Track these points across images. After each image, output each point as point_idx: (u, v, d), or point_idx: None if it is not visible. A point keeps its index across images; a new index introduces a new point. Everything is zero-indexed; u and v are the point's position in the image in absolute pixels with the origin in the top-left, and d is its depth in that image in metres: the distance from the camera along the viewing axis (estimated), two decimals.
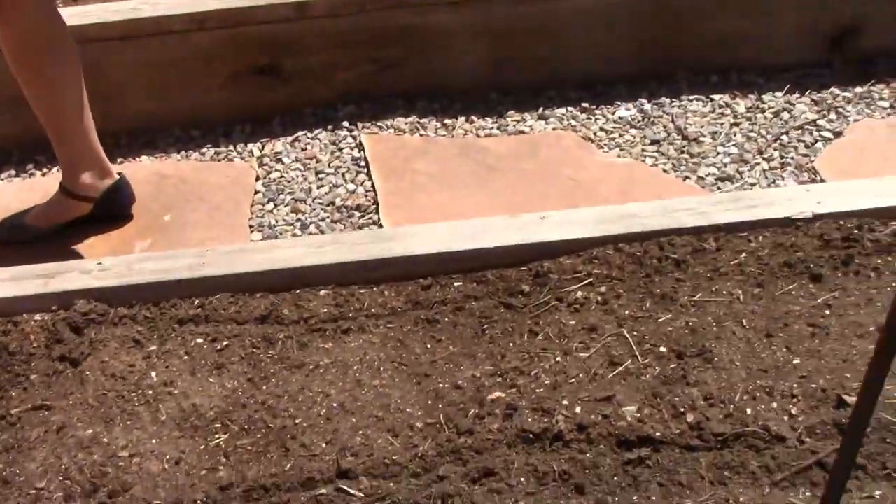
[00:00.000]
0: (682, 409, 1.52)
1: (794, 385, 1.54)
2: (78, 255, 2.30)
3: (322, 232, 2.37)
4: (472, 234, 1.93)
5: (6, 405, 1.62)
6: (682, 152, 2.61)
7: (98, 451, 1.53)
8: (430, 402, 1.60)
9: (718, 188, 2.47)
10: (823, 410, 1.50)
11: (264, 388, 1.65)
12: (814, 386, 1.54)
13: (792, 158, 2.58)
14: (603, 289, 1.80)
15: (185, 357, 1.71)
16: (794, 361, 1.59)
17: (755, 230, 1.90)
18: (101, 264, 1.90)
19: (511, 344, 1.71)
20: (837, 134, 2.65)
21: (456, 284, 1.86)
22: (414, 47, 2.76)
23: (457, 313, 1.79)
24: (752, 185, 2.48)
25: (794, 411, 1.50)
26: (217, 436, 1.56)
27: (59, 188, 2.32)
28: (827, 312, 1.70)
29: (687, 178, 2.50)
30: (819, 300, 1.73)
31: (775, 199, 1.97)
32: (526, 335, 1.72)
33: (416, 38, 2.74)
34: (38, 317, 1.79)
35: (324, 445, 1.53)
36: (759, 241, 1.87)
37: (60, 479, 1.48)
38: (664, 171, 2.55)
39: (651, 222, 1.93)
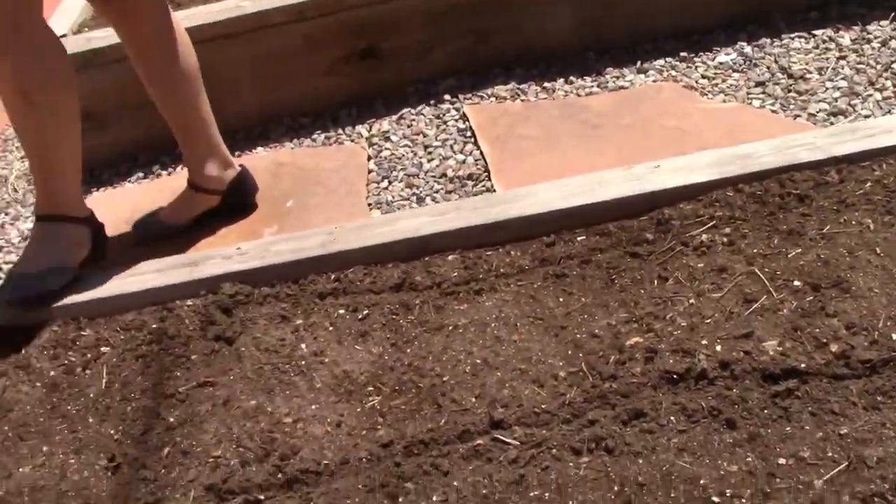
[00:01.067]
0: (825, 340, 1.53)
1: None
2: (211, 246, 2.42)
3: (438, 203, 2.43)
4: (587, 189, 1.97)
5: (174, 384, 1.74)
6: (789, 91, 2.58)
7: (264, 419, 1.63)
8: (569, 352, 1.65)
9: (831, 123, 2.44)
10: None
11: (408, 350, 1.73)
12: None
13: None
14: (727, 230, 1.81)
15: (331, 328, 1.80)
16: None
17: (877, 159, 1.88)
18: (239, 249, 2.01)
19: (642, 291, 1.74)
20: None
21: (579, 239, 1.90)
22: (507, 16, 2.79)
23: (584, 266, 1.83)
24: (866, 116, 2.44)
25: None
26: (371, 398, 1.65)
27: (188, 184, 2.45)
28: None
29: (797, 116, 2.47)
30: None
31: (894, 125, 1.94)
32: (656, 281, 1.75)
33: (508, 7, 2.78)
34: (189, 302, 1.91)
35: (473, 400, 1.60)
36: (883, 169, 1.86)
37: (234, 446, 1.59)
38: (772, 111, 2.53)
39: (768, 161, 1.93)
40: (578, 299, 1.76)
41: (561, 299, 1.77)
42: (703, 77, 2.72)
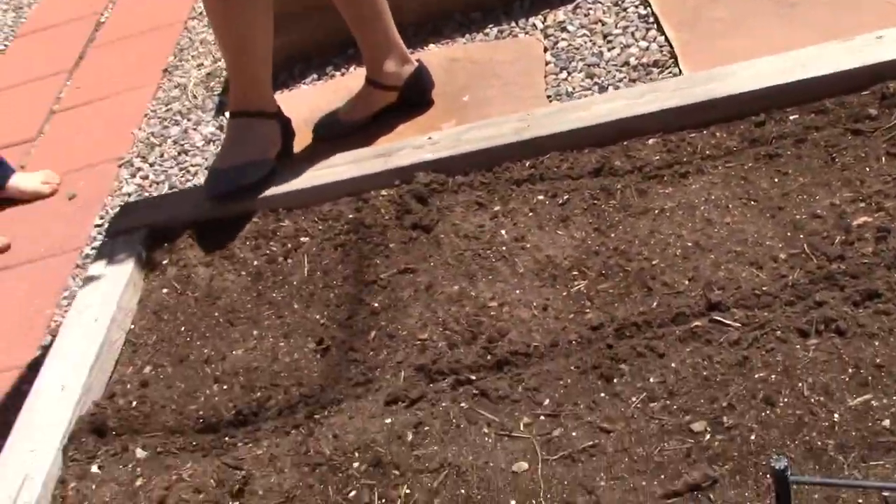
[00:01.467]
0: None
1: None
2: (390, 142, 2.41)
3: None
4: (800, 64, 1.83)
5: (374, 271, 1.76)
6: None
7: (468, 303, 1.62)
8: (789, 234, 1.55)
9: None
10: None
11: (612, 235, 1.67)
12: None
13: None
14: None
15: (530, 214, 1.76)
16: None
17: None
18: (430, 139, 1.99)
19: (867, 169, 1.61)
20: None
21: (792, 118, 1.77)
22: None
23: (799, 146, 1.71)
24: None
25: None
26: (577, 282, 1.61)
27: (366, 81, 2.44)
28: None
29: None
30: None
31: None
32: (883, 158, 1.62)
33: None
34: (384, 192, 1.91)
35: (686, 283, 1.53)
36: None
37: (441, 329, 1.59)
38: None
39: None
40: (795, 179, 1.65)
41: (776, 180, 1.66)
42: None
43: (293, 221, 1.93)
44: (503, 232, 1.73)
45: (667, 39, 2.43)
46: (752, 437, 1.29)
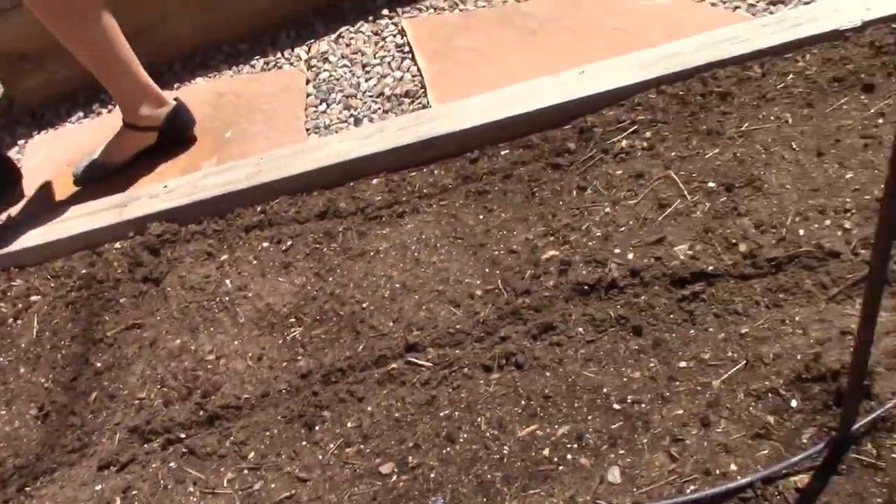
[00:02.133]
0: (734, 241, 1.52)
1: (847, 199, 1.52)
2: (151, 182, 2.41)
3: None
4: (512, 100, 1.94)
5: (102, 329, 1.76)
6: None
7: (188, 358, 1.65)
8: (487, 270, 1.65)
9: (771, 13, 2.37)
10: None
11: (331, 279, 1.73)
12: (868, 197, 1.51)
13: None
14: (648, 134, 1.78)
15: (255, 261, 1.80)
16: (847, 176, 1.56)
17: (802, 49, 1.83)
18: (166, 187, 2.00)
19: (561, 202, 1.73)
20: None
21: (503, 153, 1.88)
22: None
23: (506, 181, 1.82)
24: (808, 2, 2.36)
25: (847, 225, 1.48)
26: (293, 329, 1.66)
27: (123, 124, 2.42)
28: (880, 121, 1.64)
29: (737, 7, 2.40)
30: (872, 110, 1.67)
31: (821, 13, 1.89)
32: (575, 192, 1.74)
33: None
34: (118, 244, 1.92)
35: (391, 324, 1.61)
36: (806, 60, 1.81)
37: (159, 387, 1.62)
38: (712, 4, 2.45)
39: (693, 58, 1.88)
40: (498, 215, 1.75)
41: (481, 216, 1.76)
42: None
43: (25, 280, 1.91)
44: (228, 282, 1.77)
45: (419, 70, 2.52)
46: (433, 475, 1.37)
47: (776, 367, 1.34)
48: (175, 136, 2.47)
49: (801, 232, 1.49)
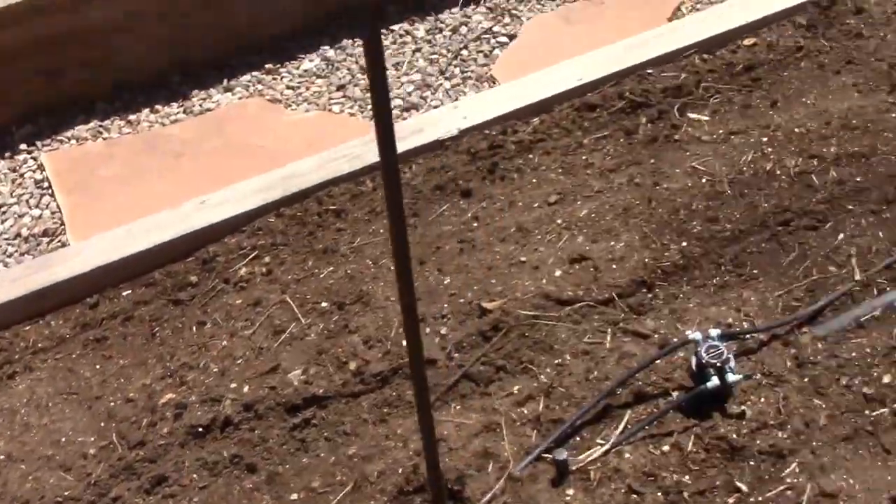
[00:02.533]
0: (345, 359, 1.55)
1: (445, 305, 1.60)
2: None
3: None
4: (134, 237, 1.88)
5: None
6: (368, 92, 2.62)
7: None
8: (102, 424, 1.57)
9: (404, 119, 2.50)
10: (470, 323, 1.56)
11: None
12: (462, 301, 1.60)
13: (472, 71, 2.63)
14: (267, 259, 1.79)
15: None
16: (445, 281, 1.65)
17: (409, 160, 1.93)
18: None
19: (181, 340, 1.69)
20: (512, 37, 2.71)
21: (125, 293, 1.82)
22: (80, 49, 2.61)
23: (126, 324, 1.75)
24: (436, 107, 2.51)
25: (443, 331, 1.55)
26: None
27: None
28: (475, 225, 1.76)
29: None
30: (468, 214, 1.78)
31: (424, 124, 2.01)
32: (195, 327, 1.70)
33: (79, 40, 2.59)
34: None
35: None
36: (413, 171, 1.91)
37: None
38: (351, 115, 2.55)
39: (309, 179, 1.93)
40: (117, 362, 1.68)
41: (98, 366, 1.68)
42: (289, 88, 2.70)
43: None
44: None
45: (59, 206, 2.40)
46: None
47: (380, 485, 1.36)
48: None
49: (404, 343, 1.54)
